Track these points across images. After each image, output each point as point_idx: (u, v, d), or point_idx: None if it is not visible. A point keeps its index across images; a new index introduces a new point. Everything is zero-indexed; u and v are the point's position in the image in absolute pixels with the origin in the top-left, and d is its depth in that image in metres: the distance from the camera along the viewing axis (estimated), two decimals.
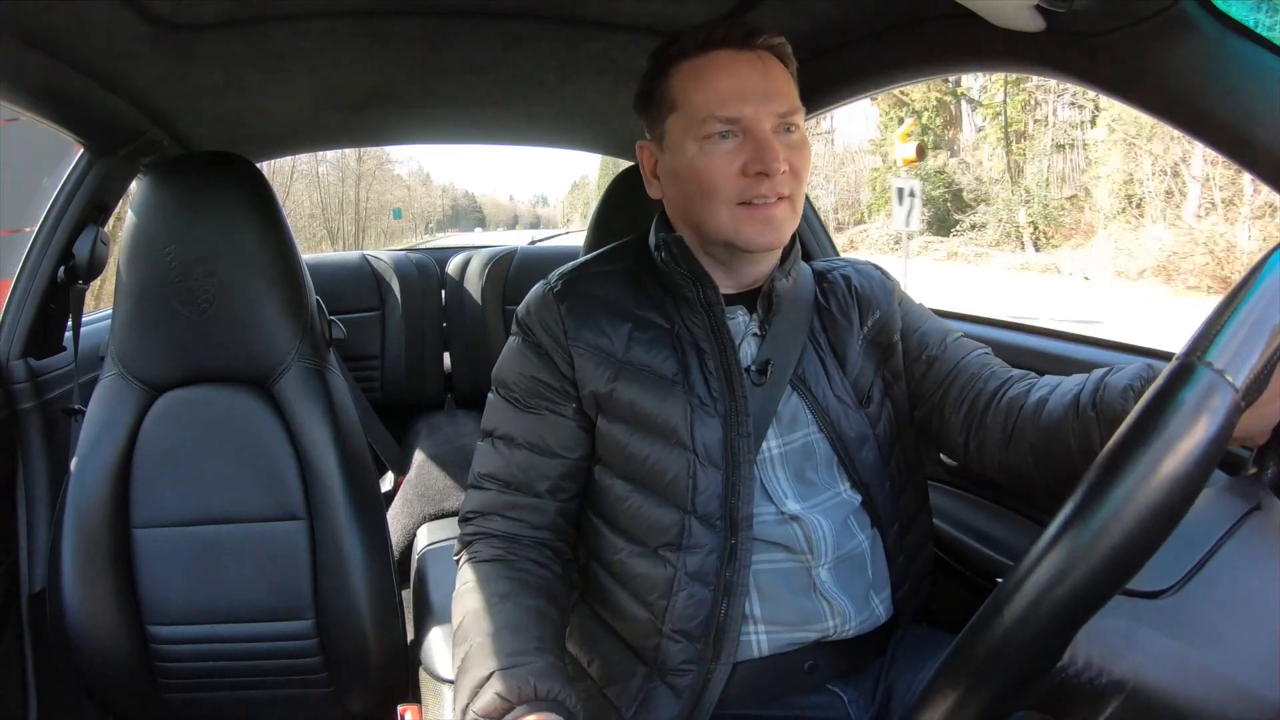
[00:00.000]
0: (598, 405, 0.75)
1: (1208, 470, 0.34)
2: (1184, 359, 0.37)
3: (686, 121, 0.72)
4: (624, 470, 0.74)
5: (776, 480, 0.75)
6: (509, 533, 0.76)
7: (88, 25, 0.88)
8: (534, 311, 0.78)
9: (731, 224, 0.72)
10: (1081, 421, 0.68)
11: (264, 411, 1.08)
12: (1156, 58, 0.63)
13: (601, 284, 0.78)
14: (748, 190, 0.70)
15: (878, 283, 0.85)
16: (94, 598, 1.02)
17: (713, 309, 0.74)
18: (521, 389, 0.78)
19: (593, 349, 0.75)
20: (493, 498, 0.77)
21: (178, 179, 1.07)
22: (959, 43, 0.86)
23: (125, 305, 1.06)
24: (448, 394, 1.97)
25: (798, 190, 0.73)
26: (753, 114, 0.70)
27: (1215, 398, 0.35)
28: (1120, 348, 1.00)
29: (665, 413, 0.73)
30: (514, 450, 0.76)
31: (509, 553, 0.74)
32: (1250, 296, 0.38)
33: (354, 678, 1.10)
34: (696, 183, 0.72)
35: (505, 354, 0.81)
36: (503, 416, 0.78)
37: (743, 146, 0.70)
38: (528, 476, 0.76)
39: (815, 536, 0.73)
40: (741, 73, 0.71)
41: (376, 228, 24.52)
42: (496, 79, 1.29)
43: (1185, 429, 0.34)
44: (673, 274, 0.76)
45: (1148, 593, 0.43)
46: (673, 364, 0.74)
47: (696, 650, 0.72)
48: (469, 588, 0.72)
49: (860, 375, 0.80)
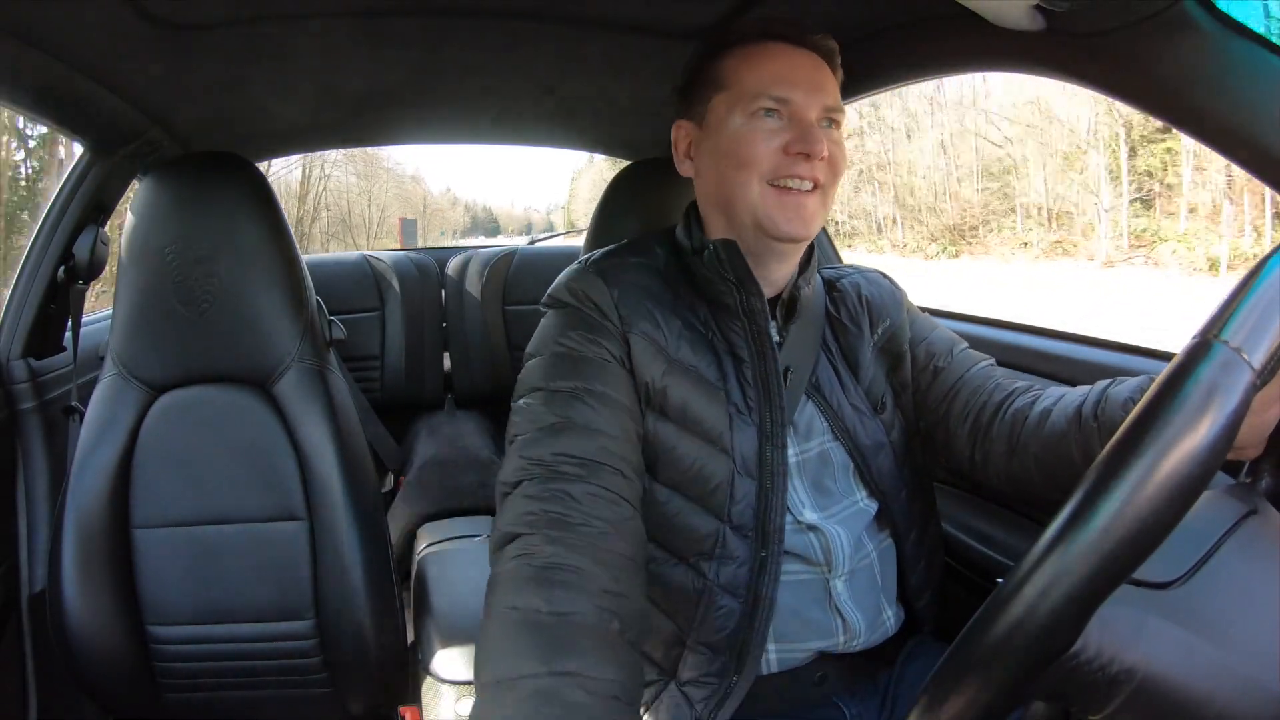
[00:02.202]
0: (648, 398, 0.72)
1: (1225, 446, 0.34)
2: (1201, 337, 0.37)
3: (735, 98, 0.73)
4: (668, 475, 0.72)
5: (794, 490, 0.75)
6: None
7: (88, 25, 0.88)
8: (580, 290, 0.74)
9: (761, 203, 0.71)
10: (1084, 433, 0.68)
11: (264, 412, 1.08)
12: (1156, 58, 0.63)
13: (644, 275, 0.76)
14: (783, 168, 0.70)
15: (887, 291, 0.85)
16: (94, 598, 1.02)
17: (755, 315, 0.73)
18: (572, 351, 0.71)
19: (648, 339, 0.72)
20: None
21: (178, 179, 1.07)
22: (959, 43, 0.86)
23: (125, 305, 1.06)
24: (448, 394, 1.97)
25: (831, 184, 0.73)
26: (802, 100, 0.71)
27: (1232, 375, 0.35)
28: (1120, 347, 1.00)
29: (712, 417, 0.71)
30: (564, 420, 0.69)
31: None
32: (1266, 276, 0.39)
33: (354, 678, 1.10)
34: (735, 154, 0.72)
35: (544, 330, 0.75)
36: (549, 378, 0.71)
37: (788, 127, 0.71)
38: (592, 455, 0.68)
39: (834, 547, 0.73)
40: (795, 63, 0.73)
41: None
42: (496, 79, 1.29)
43: (1203, 405, 0.34)
44: (715, 279, 0.73)
45: (1156, 583, 0.43)
46: (714, 369, 0.73)
47: (720, 663, 0.70)
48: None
49: (873, 383, 0.80)
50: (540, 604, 0.57)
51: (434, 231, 28.62)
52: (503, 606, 0.58)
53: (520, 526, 0.62)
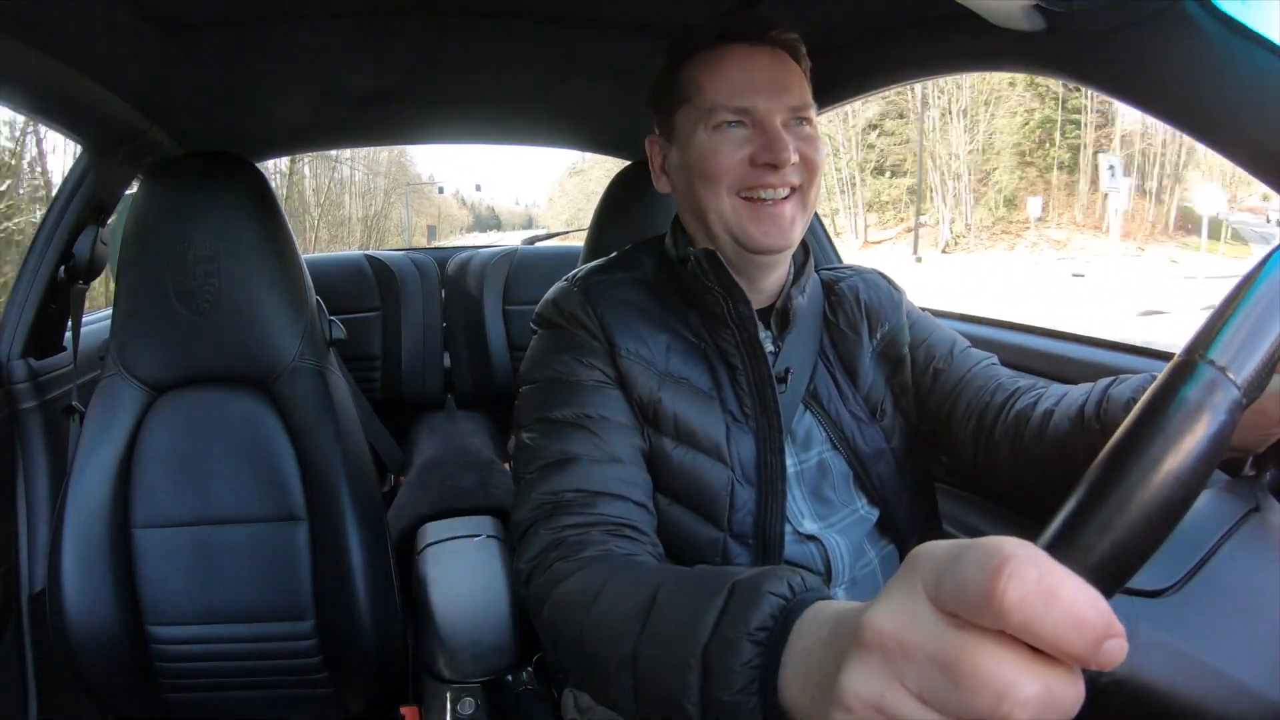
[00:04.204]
0: (644, 414, 0.72)
1: (1210, 466, 0.34)
2: (1185, 356, 0.36)
3: (697, 112, 0.72)
4: (667, 485, 0.72)
5: (794, 500, 0.74)
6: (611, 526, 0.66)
7: (87, 25, 0.88)
8: (567, 310, 0.74)
9: (734, 217, 0.70)
10: (1086, 434, 0.68)
11: (264, 412, 1.08)
12: (1156, 58, 0.63)
13: (630, 291, 0.76)
14: (751, 179, 0.69)
15: (885, 294, 0.84)
16: (94, 598, 1.02)
17: (744, 323, 0.72)
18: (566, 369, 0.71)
19: (636, 356, 0.71)
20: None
21: (178, 179, 1.07)
22: (959, 43, 0.86)
23: (125, 305, 1.06)
24: (448, 394, 1.97)
25: (809, 183, 0.71)
26: (764, 106, 0.69)
27: (1217, 394, 0.35)
28: (1120, 347, 1.00)
29: (707, 427, 0.71)
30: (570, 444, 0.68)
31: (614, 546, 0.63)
32: (1251, 295, 0.39)
33: (354, 678, 1.10)
34: (702, 169, 0.71)
35: (537, 352, 0.76)
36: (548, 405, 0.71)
37: (752, 137, 0.69)
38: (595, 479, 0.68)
39: (834, 557, 0.73)
40: (754, 65, 0.71)
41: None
42: (496, 79, 1.29)
43: (1187, 426, 0.33)
44: (701, 289, 0.72)
45: (1148, 592, 0.43)
46: (707, 378, 0.73)
47: None
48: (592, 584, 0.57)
49: (872, 389, 0.80)
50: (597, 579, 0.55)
51: (445, 229, 33.82)
52: (572, 618, 0.55)
53: (537, 561, 0.62)
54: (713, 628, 0.42)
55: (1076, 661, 0.25)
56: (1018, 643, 0.25)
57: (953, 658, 0.26)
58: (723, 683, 0.40)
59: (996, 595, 0.25)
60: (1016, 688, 0.25)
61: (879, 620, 0.28)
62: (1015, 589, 0.25)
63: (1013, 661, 0.25)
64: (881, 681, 0.28)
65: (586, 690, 0.57)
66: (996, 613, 0.25)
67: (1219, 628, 0.42)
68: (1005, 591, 0.25)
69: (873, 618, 0.29)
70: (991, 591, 0.25)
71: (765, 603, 0.41)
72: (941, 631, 0.27)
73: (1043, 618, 0.25)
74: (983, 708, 0.25)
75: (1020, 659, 0.25)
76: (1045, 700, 0.25)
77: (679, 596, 0.47)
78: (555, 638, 0.57)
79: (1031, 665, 0.25)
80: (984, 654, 0.25)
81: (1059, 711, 0.26)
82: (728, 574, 0.46)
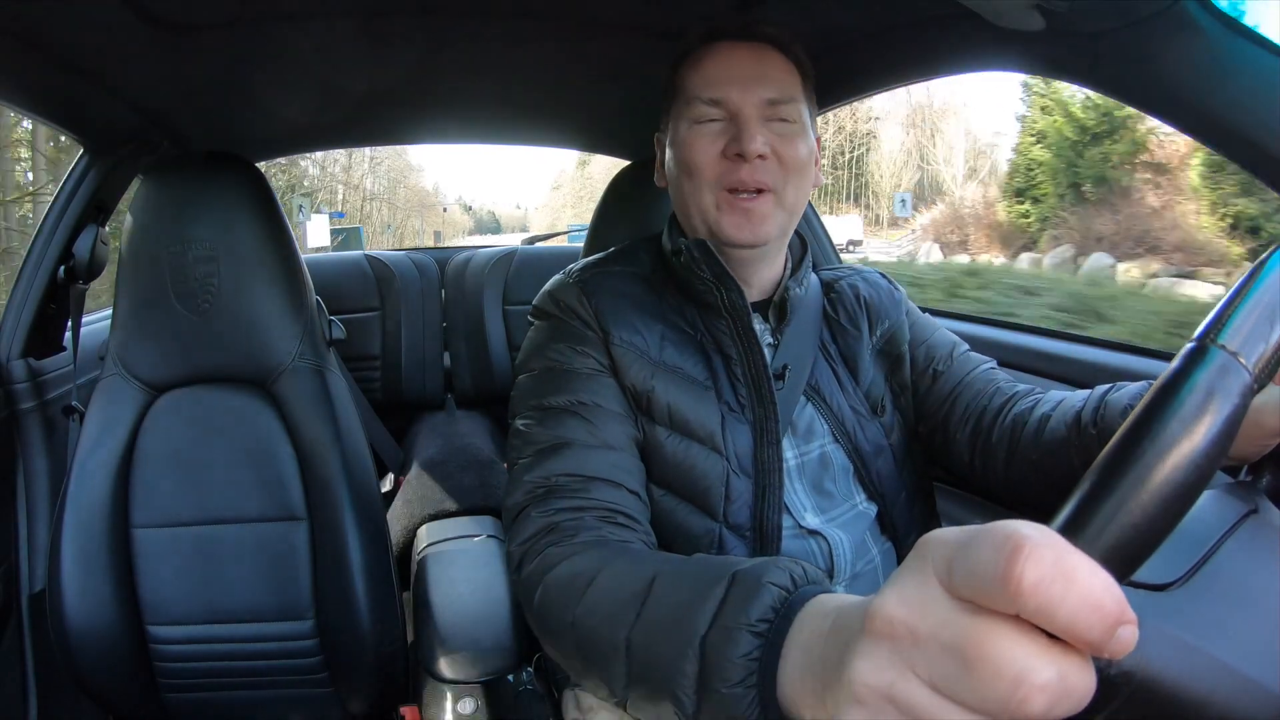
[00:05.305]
0: (638, 403, 0.72)
1: (1223, 450, 0.34)
2: (1197, 342, 0.37)
3: (681, 106, 0.73)
4: (661, 475, 0.72)
5: (795, 492, 0.74)
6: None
7: (87, 26, 0.88)
8: (562, 300, 0.75)
9: (713, 210, 0.71)
10: (1083, 440, 0.68)
11: (264, 411, 1.08)
12: (1156, 58, 0.63)
13: (627, 283, 0.77)
14: (729, 174, 0.69)
15: (885, 293, 0.84)
16: (94, 598, 1.02)
17: (738, 313, 0.72)
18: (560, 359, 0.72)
19: (629, 346, 0.72)
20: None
21: (178, 179, 1.07)
22: (959, 43, 0.86)
23: (125, 305, 1.06)
24: (448, 394, 1.97)
25: (785, 183, 0.71)
26: (737, 97, 0.69)
27: (1229, 379, 0.35)
28: (1120, 348, 1.00)
29: (701, 416, 0.71)
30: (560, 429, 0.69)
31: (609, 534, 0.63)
32: (1262, 281, 0.39)
33: (354, 678, 1.10)
34: (684, 162, 0.72)
35: (533, 342, 0.76)
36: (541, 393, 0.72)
37: (726, 129, 0.70)
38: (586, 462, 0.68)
39: (837, 553, 0.73)
40: (734, 59, 0.72)
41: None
42: (496, 79, 1.29)
43: (1201, 409, 0.34)
44: (694, 280, 0.73)
45: (1154, 585, 0.43)
46: (703, 369, 0.73)
47: None
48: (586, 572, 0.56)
49: (872, 385, 0.80)
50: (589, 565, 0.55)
51: (448, 233, 36.06)
52: (565, 603, 0.54)
53: (529, 545, 0.62)
54: (712, 617, 0.42)
55: (1090, 647, 0.25)
56: (1031, 628, 0.25)
57: (966, 643, 0.25)
58: (720, 674, 0.40)
59: (1014, 578, 0.24)
60: (1032, 673, 0.24)
61: (889, 607, 0.28)
62: (1033, 571, 0.24)
63: (1027, 646, 0.25)
64: (892, 670, 0.27)
65: (575, 674, 0.56)
66: (1013, 596, 0.24)
67: (1223, 622, 0.42)
68: (1023, 574, 0.24)
69: (882, 605, 0.28)
70: (1009, 575, 0.24)
71: (766, 593, 0.40)
72: (954, 617, 0.26)
73: (1060, 601, 0.24)
74: (998, 694, 0.25)
75: (1035, 644, 0.25)
76: (1060, 687, 0.25)
77: (677, 584, 0.47)
78: (547, 623, 0.57)
79: (1046, 650, 0.25)
80: (998, 639, 0.25)
81: (1072, 699, 0.25)
82: (728, 563, 0.45)
